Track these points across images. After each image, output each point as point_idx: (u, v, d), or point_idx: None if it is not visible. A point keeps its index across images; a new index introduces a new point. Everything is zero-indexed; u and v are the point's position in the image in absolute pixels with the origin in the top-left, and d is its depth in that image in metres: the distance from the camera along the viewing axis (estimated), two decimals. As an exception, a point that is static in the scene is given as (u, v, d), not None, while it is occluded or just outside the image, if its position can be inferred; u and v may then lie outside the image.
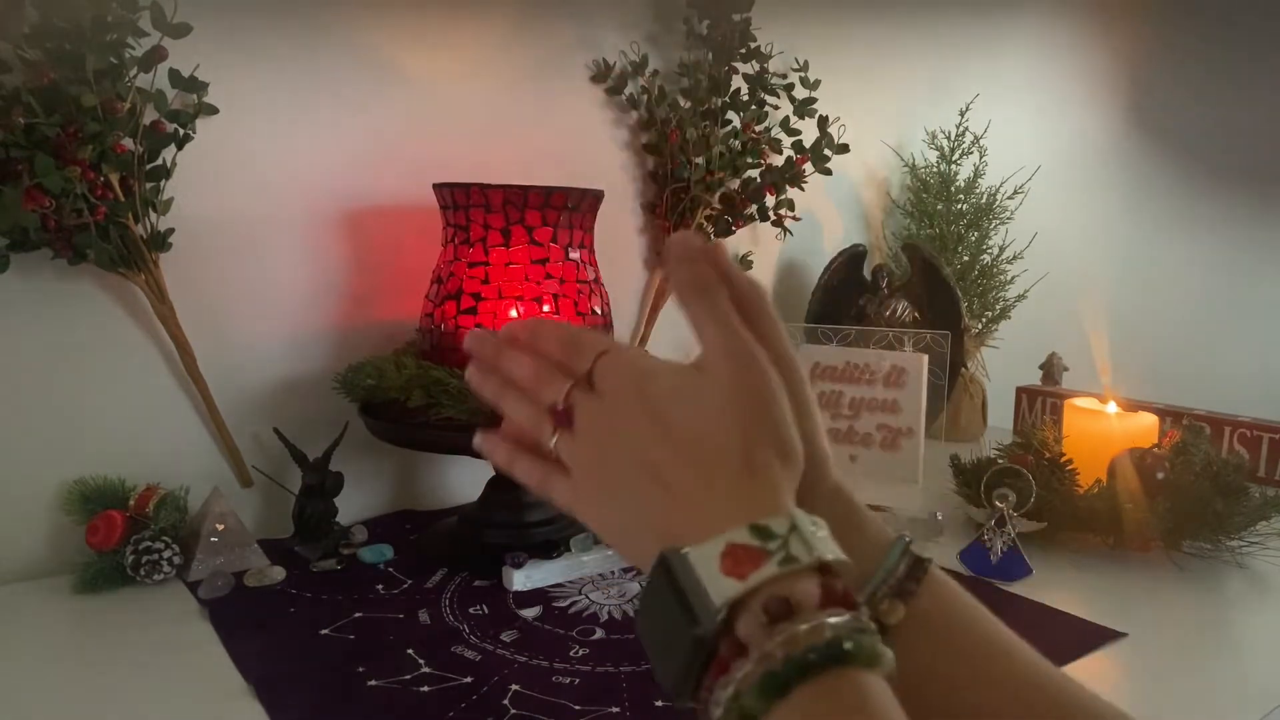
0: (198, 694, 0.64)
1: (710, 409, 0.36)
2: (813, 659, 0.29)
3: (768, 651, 0.29)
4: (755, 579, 0.31)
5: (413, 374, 0.85)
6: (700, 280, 0.39)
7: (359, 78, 0.99)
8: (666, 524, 0.35)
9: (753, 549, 0.32)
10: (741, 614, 0.31)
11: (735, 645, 0.30)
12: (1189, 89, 2.06)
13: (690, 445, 0.36)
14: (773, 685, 0.29)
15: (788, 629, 0.30)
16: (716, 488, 0.35)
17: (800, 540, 0.32)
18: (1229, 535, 0.88)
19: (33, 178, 0.75)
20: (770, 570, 0.31)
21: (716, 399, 0.37)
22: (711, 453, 0.36)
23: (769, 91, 1.24)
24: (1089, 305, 1.59)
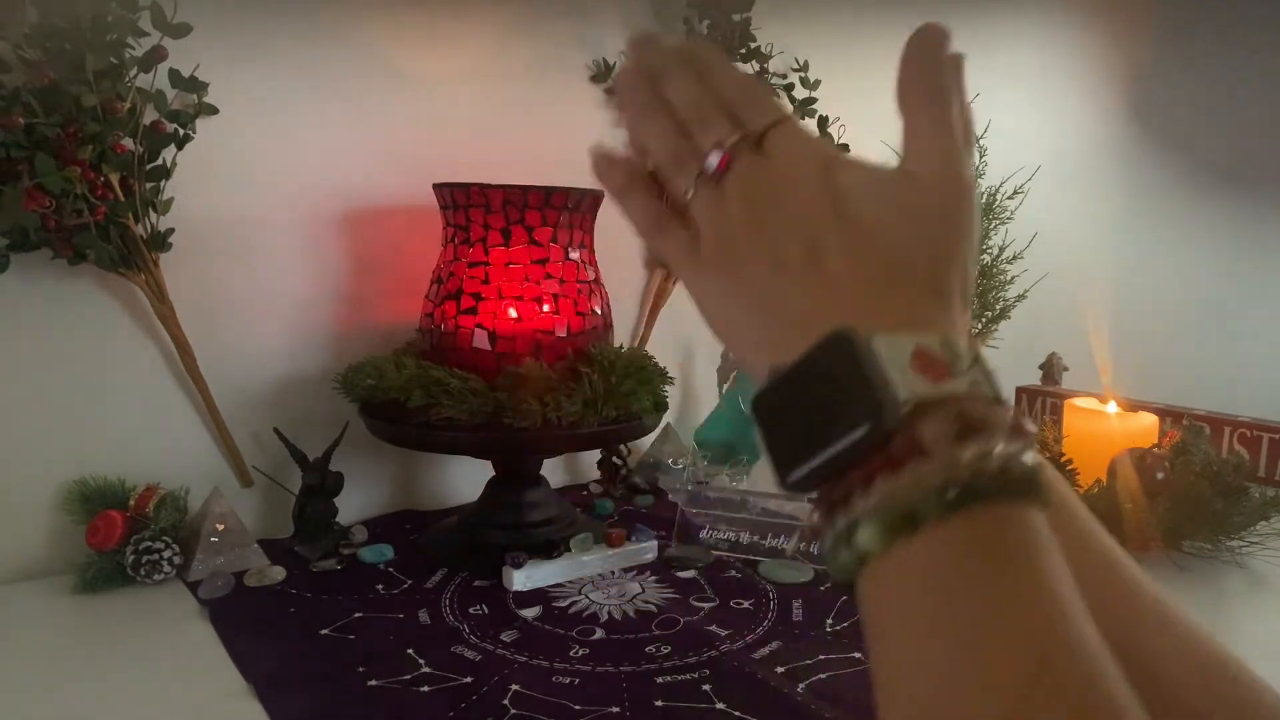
0: (198, 694, 0.64)
1: (913, 214, 0.32)
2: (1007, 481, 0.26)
3: (957, 461, 0.26)
4: (950, 387, 0.28)
5: (413, 374, 0.85)
6: (939, 86, 0.35)
7: (359, 78, 0.99)
8: (817, 315, 0.30)
9: (942, 360, 0.28)
10: (927, 418, 0.27)
11: (913, 446, 0.27)
12: (1190, 89, 2.06)
13: (872, 241, 0.32)
14: (954, 497, 0.26)
15: (984, 444, 0.26)
16: (895, 294, 0.31)
17: (983, 372, 0.29)
18: (1229, 535, 0.88)
19: (33, 178, 0.75)
20: (963, 384, 0.28)
21: (923, 208, 0.32)
22: (898, 257, 0.31)
23: (769, 91, 1.24)
24: (1089, 305, 1.59)
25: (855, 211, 0.32)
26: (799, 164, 0.34)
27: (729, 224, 0.34)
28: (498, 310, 0.87)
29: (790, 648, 0.71)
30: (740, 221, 0.33)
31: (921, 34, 0.35)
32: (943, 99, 0.35)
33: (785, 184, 0.33)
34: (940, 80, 0.35)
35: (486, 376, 0.84)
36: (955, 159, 0.33)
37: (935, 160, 0.33)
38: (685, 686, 0.65)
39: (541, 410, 0.82)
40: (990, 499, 0.26)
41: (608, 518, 1.02)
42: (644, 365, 0.90)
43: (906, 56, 0.36)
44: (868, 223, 0.32)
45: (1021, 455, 0.27)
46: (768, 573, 0.86)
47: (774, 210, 0.33)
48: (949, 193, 0.33)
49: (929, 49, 0.35)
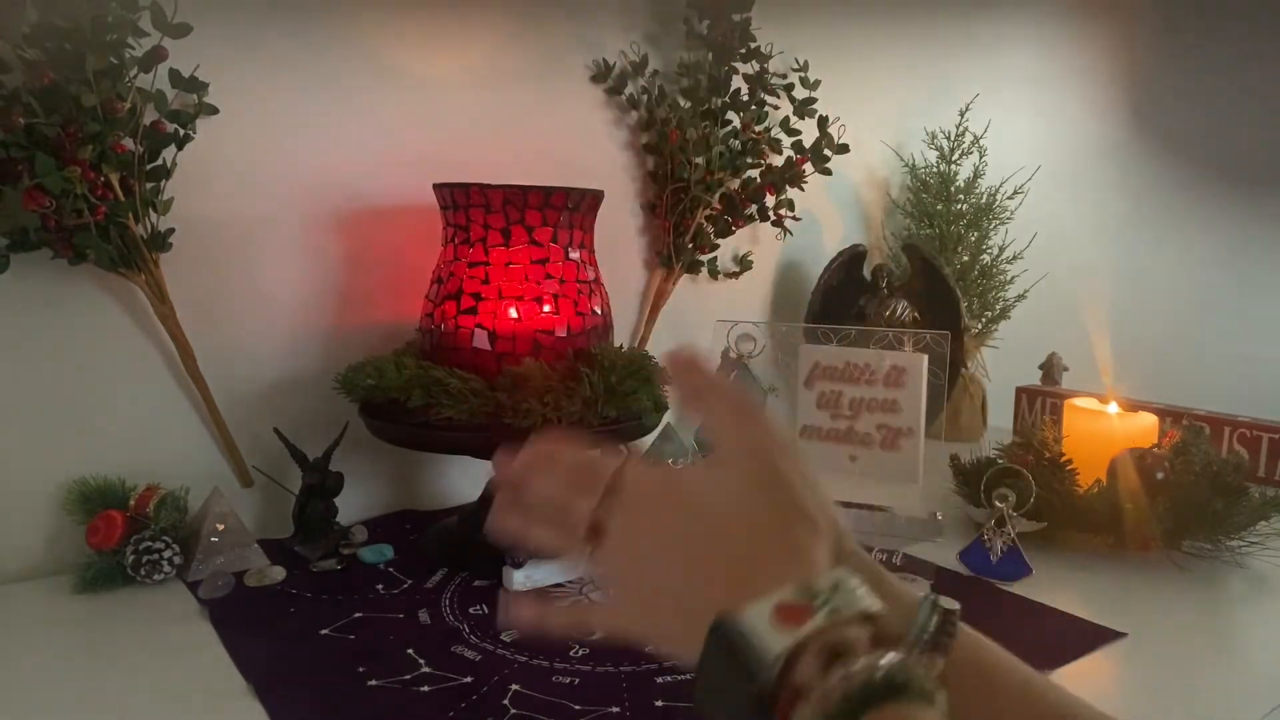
0: (198, 694, 0.64)
1: (736, 496, 0.40)
2: (870, 692, 0.30)
3: (825, 691, 0.31)
4: (808, 628, 0.32)
5: (413, 374, 0.85)
6: (702, 385, 0.44)
7: (359, 78, 0.99)
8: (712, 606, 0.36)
9: (800, 605, 0.33)
10: (797, 663, 0.32)
11: (793, 692, 0.32)
12: (1189, 89, 2.06)
13: (724, 531, 0.39)
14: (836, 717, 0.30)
15: (842, 669, 0.31)
16: (756, 563, 0.37)
17: (843, 594, 0.34)
18: (1229, 535, 0.88)
19: (33, 178, 0.75)
20: (820, 620, 0.33)
21: (739, 486, 0.40)
22: (746, 534, 0.38)
23: (769, 91, 1.24)
24: (1089, 305, 1.59)
25: (702, 510, 0.40)
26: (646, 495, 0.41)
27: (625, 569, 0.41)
28: (498, 310, 0.87)
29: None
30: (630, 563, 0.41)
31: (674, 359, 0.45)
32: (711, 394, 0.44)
33: (644, 519, 0.41)
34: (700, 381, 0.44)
35: (486, 376, 0.84)
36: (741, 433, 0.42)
37: (727, 442, 0.42)
38: (685, 686, 0.65)
39: (541, 410, 0.82)
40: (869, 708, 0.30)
41: (608, 518, 1.02)
42: (644, 365, 0.90)
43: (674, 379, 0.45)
44: (716, 515, 0.39)
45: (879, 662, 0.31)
46: (768, 573, 0.86)
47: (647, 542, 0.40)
48: (749, 463, 0.41)
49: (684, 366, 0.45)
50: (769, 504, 0.39)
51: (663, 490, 0.41)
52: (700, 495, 0.40)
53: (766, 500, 0.39)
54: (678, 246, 1.23)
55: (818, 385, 1.22)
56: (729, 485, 0.40)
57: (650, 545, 0.40)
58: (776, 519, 0.39)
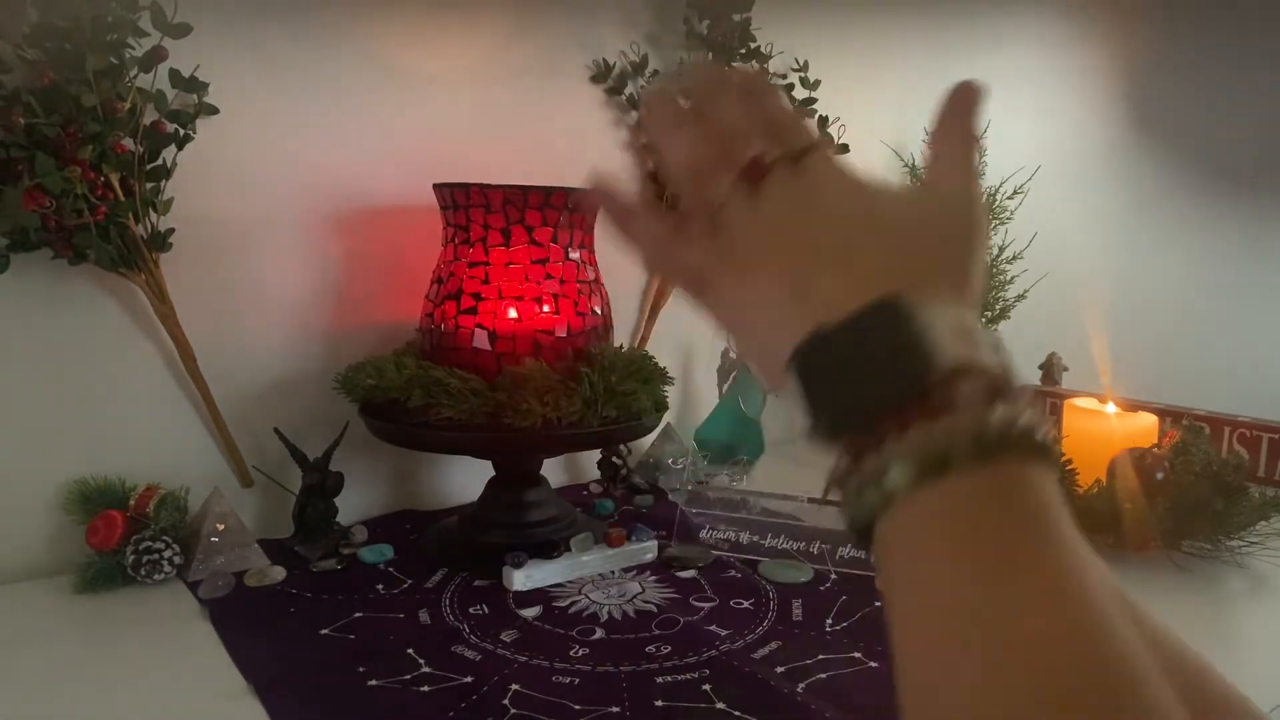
0: (198, 694, 0.64)
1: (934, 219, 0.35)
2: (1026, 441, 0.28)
3: (983, 416, 0.28)
4: (982, 358, 0.30)
5: (413, 374, 0.85)
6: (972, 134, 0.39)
7: (359, 77, 0.99)
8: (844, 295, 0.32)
9: (975, 337, 0.30)
10: (963, 381, 0.29)
11: (948, 402, 0.29)
12: (1189, 88, 2.06)
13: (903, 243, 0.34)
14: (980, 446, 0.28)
15: (1011, 408, 0.29)
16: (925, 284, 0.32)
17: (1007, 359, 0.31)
18: (1229, 535, 0.88)
19: (33, 178, 0.75)
20: (993, 359, 0.30)
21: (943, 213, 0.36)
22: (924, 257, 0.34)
23: (769, 91, 1.24)
24: (1089, 305, 1.59)
25: (888, 219, 0.35)
26: (833, 181, 0.36)
27: (765, 225, 0.35)
28: (498, 310, 0.87)
29: (790, 648, 0.71)
30: (778, 221, 0.35)
31: (964, 88, 0.40)
32: (971, 145, 0.39)
33: (820, 194, 0.35)
34: (972, 130, 0.39)
35: (486, 376, 0.84)
36: (973, 184, 0.37)
37: (955, 174, 0.37)
38: (685, 686, 0.65)
39: (541, 410, 0.82)
40: (1015, 455, 0.28)
41: (608, 518, 1.02)
42: (644, 365, 0.90)
43: (949, 104, 0.40)
44: (899, 228, 0.34)
45: (1041, 425, 0.29)
46: (768, 573, 0.86)
47: (810, 214, 0.35)
48: (968, 203, 0.36)
49: (968, 103, 0.40)
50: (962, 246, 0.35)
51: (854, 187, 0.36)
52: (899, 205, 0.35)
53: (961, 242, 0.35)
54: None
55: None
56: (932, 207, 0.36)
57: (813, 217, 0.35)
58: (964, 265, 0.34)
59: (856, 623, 0.76)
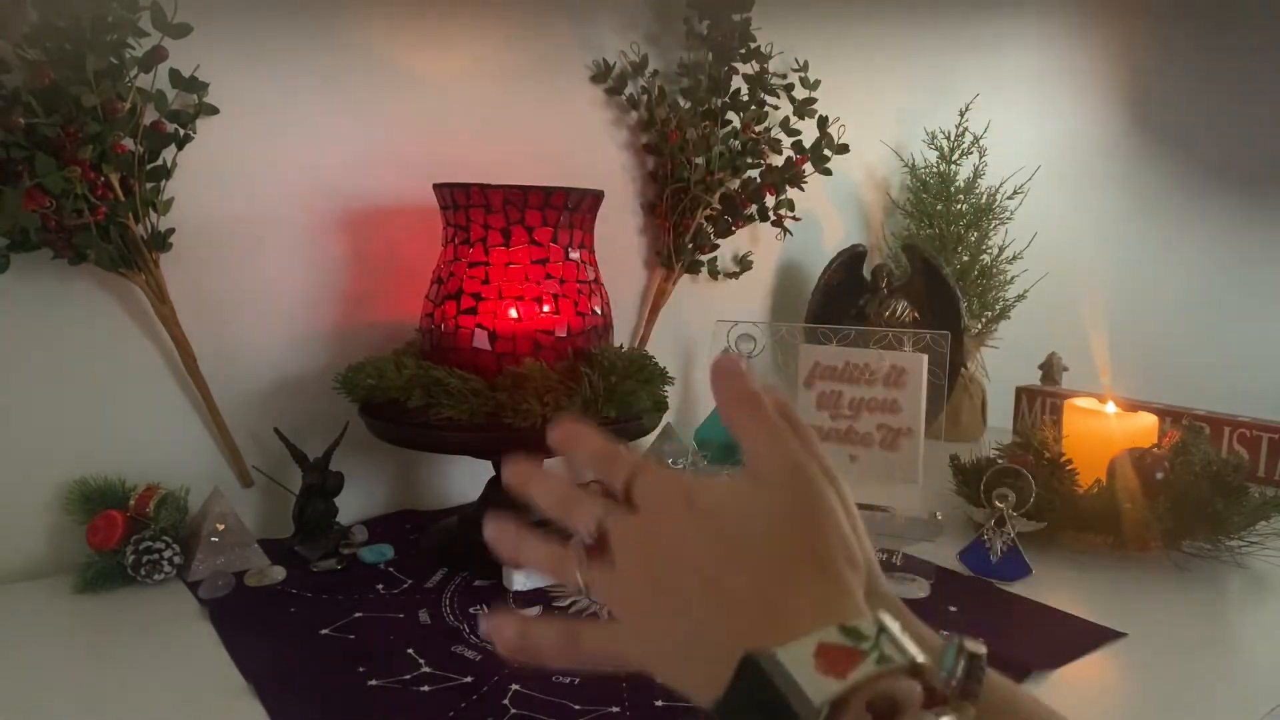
0: (198, 694, 0.64)
1: (774, 518, 0.35)
2: None
3: None
4: (856, 676, 0.29)
5: (413, 374, 0.85)
6: (746, 394, 0.39)
7: (359, 78, 0.99)
8: (733, 638, 0.33)
9: (846, 648, 0.30)
10: (844, 716, 0.29)
11: None
12: (1189, 88, 2.06)
13: (756, 554, 0.35)
14: None
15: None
16: (790, 595, 0.33)
17: (891, 641, 0.31)
18: (1229, 535, 0.88)
19: (33, 178, 0.75)
20: (869, 668, 0.29)
21: (779, 508, 0.36)
22: (780, 561, 0.34)
23: (769, 92, 1.24)
24: (1089, 305, 1.59)
25: (730, 529, 0.35)
26: (665, 505, 0.37)
27: (631, 590, 0.37)
28: (498, 310, 0.87)
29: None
30: (639, 583, 0.36)
31: (719, 361, 0.40)
32: (757, 404, 0.39)
33: (661, 532, 0.36)
34: (747, 389, 0.39)
35: (486, 376, 0.84)
36: (790, 455, 0.37)
37: (775, 461, 0.37)
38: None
39: (541, 410, 0.82)
40: None
41: (608, 518, 1.02)
42: (644, 365, 0.90)
43: (715, 385, 0.40)
44: (745, 536, 0.35)
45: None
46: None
47: (662, 558, 0.36)
48: (793, 484, 0.36)
49: (729, 372, 0.39)
50: (809, 532, 0.35)
51: (684, 504, 0.37)
52: (730, 512, 0.36)
53: (807, 528, 0.35)
54: (678, 246, 1.23)
55: (817, 385, 1.22)
56: (764, 505, 0.36)
57: (666, 563, 0.36)
58: (820, 550, 0.35)
59: None
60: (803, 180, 1.26)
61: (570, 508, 0.40)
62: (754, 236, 1.35)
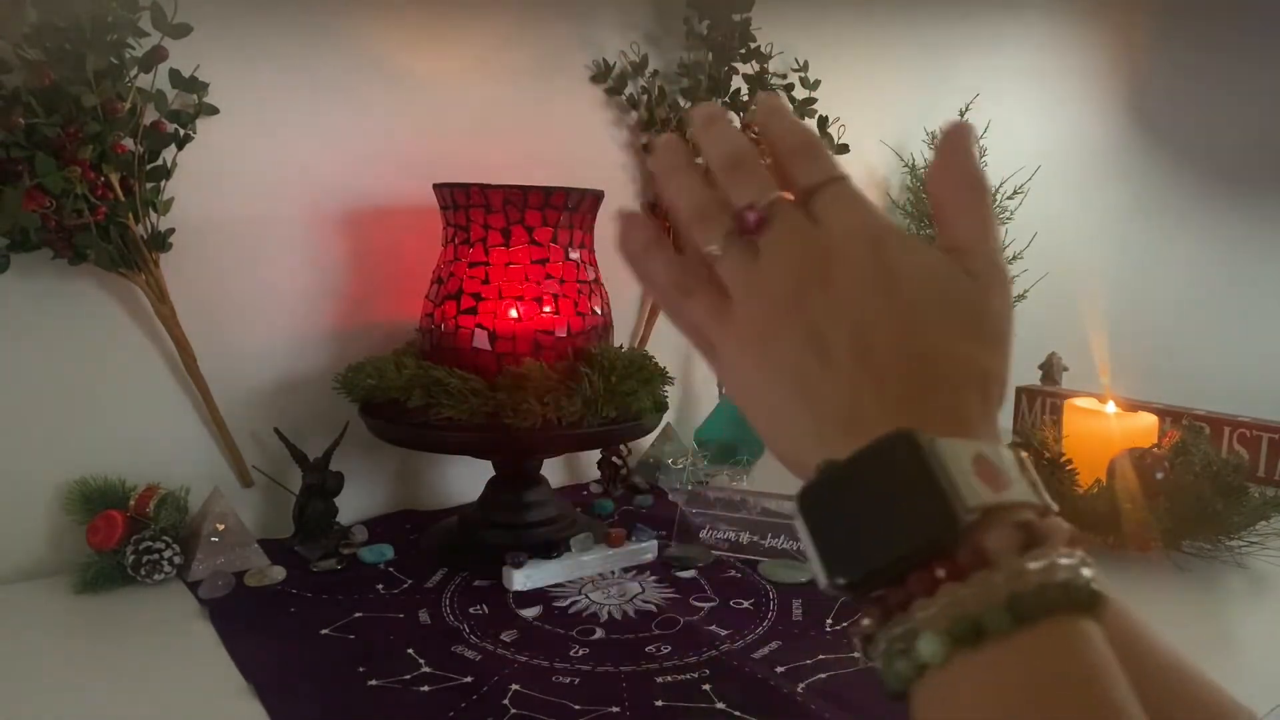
0: (198, 694, 0.64)
1: (959, 305, 0.31)
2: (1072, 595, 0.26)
3: (1020, 572, 0.26)
4: (1012, 495, 0.27)
5: (413, 374, 0.85)
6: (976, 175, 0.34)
7: (359, 77, 0.99)
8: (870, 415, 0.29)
9: (1000, 469, 0.28)
10: (991, 527, 0.27)
11: (978, 555, 0.26)
12: (1189, 88, 2.06)
13: (922, 334, 0.30)
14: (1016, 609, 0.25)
15: (1046, 555, 0.26)
16: (942, 395, 0.30)
17: (1034, 484, 0.29)
18: (1229, 535, 0.88)
19: (33, 178, 0.75)
20: (1022, 491, 0.28)
21: (974, 303, 0.31)
22: (945, 354, 0.30)
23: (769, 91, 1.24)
24: (1089, 305, 1.59)
25: (906, 297, 0.31)
26: (847, 233, 0.32)
27: (766, 293, 0.32)
28: (498, 310, 0.87)
29: (790, 648, 0.71)
30: (780, 292, 0.31)
31: (955, 128, 0.35)
32: (981, 187, 0.34)
33: (830, 255, 0.31)
34: (977, 170, 0.35)
35: (486, 376, 0.84)
36: (998, 252, 0.33)
37: (984, 257, 0.33)
38: (685, 686, 0.65)
39: (541, 410, 0.82)
40: (1055, 613, 0.26)
41: (608, 518, 1.02)
42: (644, 365, 0.90)
43: (944, 147, 0.35)
44: (918, 312, 0.31)
45: (1081, 568, 0.27)
46: (768, 573, 0.86)
47: (818, 285, 0.31)
48: (1000, 294, 0.32)
49: (963, 141, 0.35)
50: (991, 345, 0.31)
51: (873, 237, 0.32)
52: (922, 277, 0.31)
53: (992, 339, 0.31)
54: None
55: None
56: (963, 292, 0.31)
57: (819, 291, 0.31)
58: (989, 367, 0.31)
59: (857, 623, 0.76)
60: (803, 180, 1.26)
61: (748, 170, 0.34)
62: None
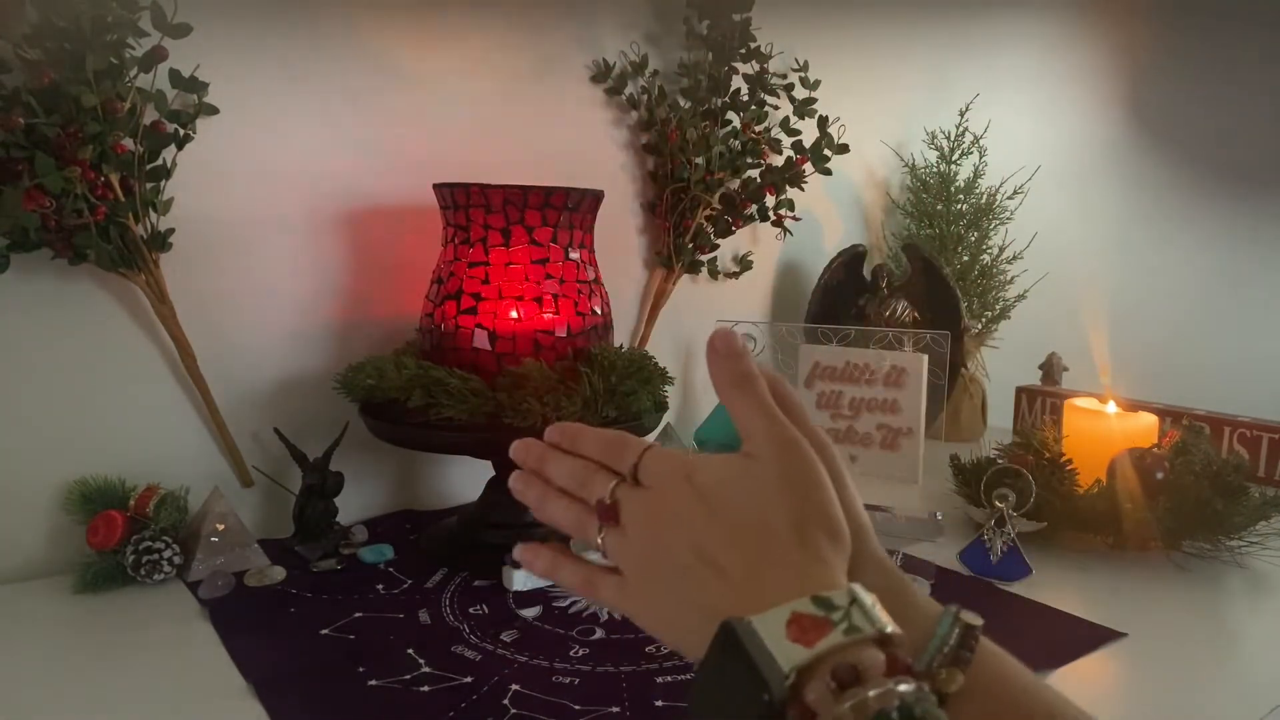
0: (198, 694, 0.64)
1: (761, 493, 0.38)
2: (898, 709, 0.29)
3: (838, 717, 0.30)
4: (823, 645, 0.31)
5: (413, 374, 0.85)
6: (743, 373, 0.42)
7: (359, 77, 0.99)
8: (721, 605, 0.36)
9: (817, 618, 0.32)
10: (810, 681, 0.31)
11: (804, 713, 0.30)
12: (1189, 88, 2.06)
13: (743, 528, 0.38)
14: None
15: (858, 694, 0.30)
16: (771, 566, 0.36)
17: (861, 612, 0.33)
18: (1229, 535, 0.88)
19: (33, 178, 0.75)
20: (836, 638, 0.32)
21: (766, 483, 0.39)
22: (764, 534, 0.37)
23: (769, 91, 1.24)
24: (1089, 305, 1.59)
25: (722, 503, 0.39)
26: (667, 480, 0.41)
27: (637, 556, 0.41)
28: (498, 310, 0.87)
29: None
30: (643, 551, 0.40)
31: (715, 339, 0.42)
32: (752, 383, 0.42)
33: (662, 503, 0.40)
34: (743, 369, 0.42)
35: (486, 376, 0.84)
36: (779, 430, 0.40)
37: (766, 437, 0.40)
38: (685, 686, 0.65)
39: (541, 410, 0.82)
40: None
41: (608, 518, 1.02)
42: (644, 365, 0.90)
43: (711, 360, 0.43)
44: (734, 510, 0.38)
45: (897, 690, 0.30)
46: (768, 573, 0.86)
47: (662, 529, 0.40)
48: (785, 461, 0.39)
49: (726, 348, 0.42)
50: (792, 506, 0.38)
51: (684, 480, 0.40)
52: (724, 487, 0.39)
53: (791, 502, 0.38)
54: (678, 246, 1.23)
55: (818, 385, 1.22)
56: (755, 481, 0.39)
57: (666, 533, 0.39)
58: (800, 522, 0.38)
59: None
60: (803, 180, 1.26)
61: (587, 480, 0.44)
62: (754, 236, 1.35)
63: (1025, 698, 0.38)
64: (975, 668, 0.37)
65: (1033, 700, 0.38)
